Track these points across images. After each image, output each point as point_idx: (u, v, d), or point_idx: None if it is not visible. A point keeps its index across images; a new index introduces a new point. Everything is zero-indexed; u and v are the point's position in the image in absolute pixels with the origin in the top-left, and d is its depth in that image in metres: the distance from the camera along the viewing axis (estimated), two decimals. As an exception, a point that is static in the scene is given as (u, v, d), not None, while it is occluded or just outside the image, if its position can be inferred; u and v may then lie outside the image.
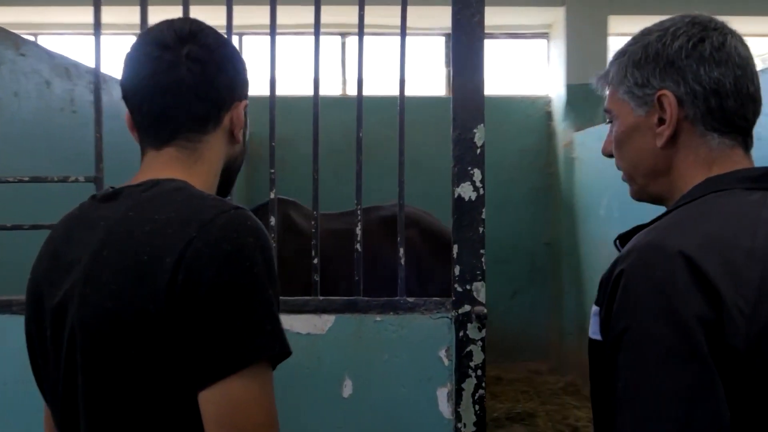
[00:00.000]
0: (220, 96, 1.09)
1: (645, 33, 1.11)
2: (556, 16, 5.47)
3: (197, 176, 1.08)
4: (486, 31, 1.70)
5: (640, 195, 1.19)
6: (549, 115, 5.67)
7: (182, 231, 0.93)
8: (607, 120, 1.19)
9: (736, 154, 1.05)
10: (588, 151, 5.07)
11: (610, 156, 1.22)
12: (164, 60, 1.04)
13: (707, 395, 0.85)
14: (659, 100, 1.06)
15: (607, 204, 4.64)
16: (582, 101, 5.26)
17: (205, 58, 1.07)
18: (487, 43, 1.75)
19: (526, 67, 5.99)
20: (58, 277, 1.02)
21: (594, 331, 1.03)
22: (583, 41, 5.28)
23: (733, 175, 1.02)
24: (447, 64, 5.84)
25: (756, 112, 1.08)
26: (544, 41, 5.91)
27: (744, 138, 1.06)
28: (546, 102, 5.71)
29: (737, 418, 0.86)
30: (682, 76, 1.04)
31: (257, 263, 0.93)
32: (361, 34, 1.79)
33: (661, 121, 1.06)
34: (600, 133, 4.90)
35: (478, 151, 1.70)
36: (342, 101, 5.44)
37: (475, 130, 1.70)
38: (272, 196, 1.81)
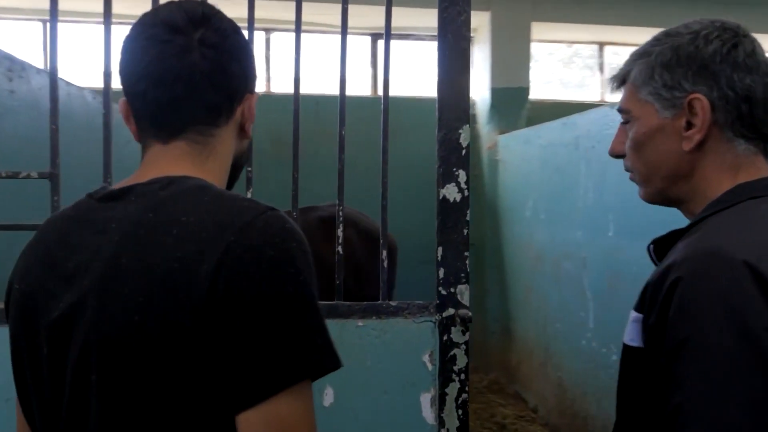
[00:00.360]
0: (233, 86, 0.99)
1: (671, 35, 1.09)
2: (480, 21, 5.56)
3: (209, 173, 0.98)
4: (411, 32, 1.68)
5: (654, 197, 1.17)
6: (473, 118, 5.76)
7: (218, 235, 0.83)
8: (623, 120, 1.17)
9: (759, 160, 1.07)
10: (512, 154, 5.19)
11: (618, 157, 1.21)
12: (175, 44, 0.94)
13: None
14: (690, 103, 1.04)
15: (532, 206, 4.76)
16: (506, 105, 5.39)
17: (219, 44, 0.97)
18: (412, 44, 1.73)
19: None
20: (56, 288, 0.90)
21: (632, 338, 1.02)
22: (507, 46, 5.40)
23: (763, 182, 1.03)
24: (372, 65, 5.82)
25: None
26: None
27: (765, 145, 1.07)
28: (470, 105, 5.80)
29: None
30: (716, 80, 1.03)
31: (302, 270, 0.85)
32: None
33: (689, 125, 1.05)
34: (524, 136, 5.04)
35: (463, 152, 1.68)
36: (267, 98, 5.31)
37: (460, 131, 1.68)
38: (249, 195, 1.72)
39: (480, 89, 5.66)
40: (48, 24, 1.89)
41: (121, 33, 1.13)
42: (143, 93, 0.96)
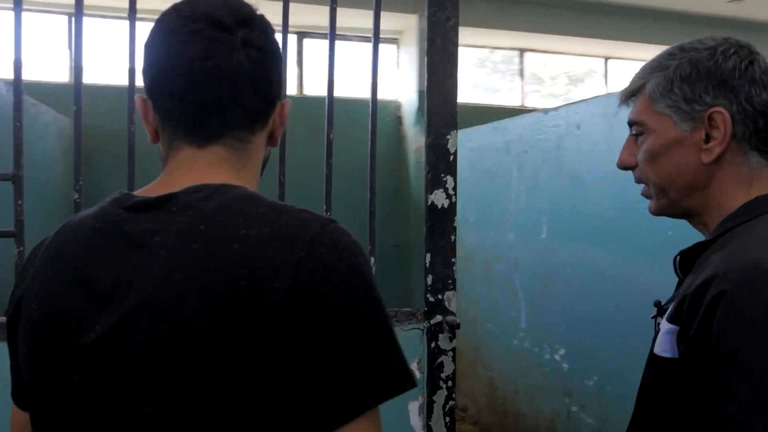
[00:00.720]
0: (272, 91, 0.93)
1: (686, 50, 1.12)
2: (407, 23, 5.60)
3: (246, 182, 0.90)
4: (339, 32, 1.68)
5: (666, 209, 1.19)
6: (399, 120, 5.79)
7: (285, 251, 0.77)
8: (633, 132, 1.19)
9: None
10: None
11: (627, 169, 1.22)
12: (222, 42, 0.86)
13: None
14: (711, 116, 1.07)
15: (461, 208, 4.83)
16: (432, 108, 5.45)
17: (264, 46, 0.90)
18: (340, 45, 1.71)
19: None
20: (88, 309, 0.81)
21: (664, 349, 1.03)
22: (434, 50, 5.46)
23: None
24: (298, 64, 5.74)
25: None
26: (393, 47, 6.02)
27: None
28: (396, 107, 5.82)
29: None
30: (735, 95, 1.07)
31: (372, 286, 0.80)
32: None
33: (708, 138, 1.08)
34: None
35: (451, 158, 1.67)
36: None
37: (448, 137, 1.67)
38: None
39: (406, 91, 5.70)
40: None
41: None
42: (182, 92, 0.88)
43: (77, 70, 1.51)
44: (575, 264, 3.52)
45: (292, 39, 5.82)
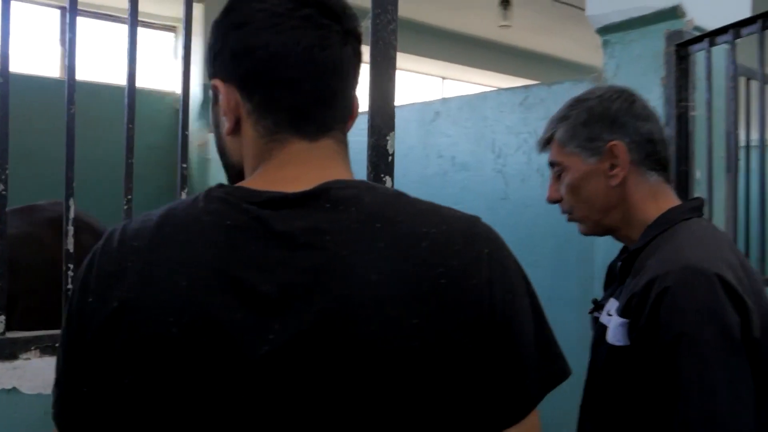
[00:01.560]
0: (357, 84, 0.92)
1: (582, 100, 1.41)
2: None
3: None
4: (112, 13, 1.73)
5: (594, 229, 1.45)
6: (178, 113, 5.47)
7: (470, 247, 0.78)
8: (554, 171, 1.45)
9: (667, 187, 1.41)
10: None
11: (555, 202, 1.47)
12: (334, 30, 0.84)
13: (747, 376, 1.16)
14: (611, 149, 1.35)
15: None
16: (217, 102, 5.26)
17: (360, 37, 0.89)
18: (112, 26, 1.73)
19: (155, 60, 5.65)
20: (254, 316, 0.72)
21: (618, 339, 1.25)
22: (219, 42, 5.27)
23: (685, 206, 1.37)
24: (62, 42, 5.11)
25: (670, 153, 1.46)
26: (171, 35, 5.68)
27: (667, 174, 1.42)
28: (176, 99, 5.50)
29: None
30: (625, 129, 1.35)
31: (528, 278, 0.85)
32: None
33: (612, 166, 1.36)
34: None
35: (390, 158, 1.69)
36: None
37: (387, 138, 1.69)
38: (183, 195, 1.47)
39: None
40: None
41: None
42: (296, 81, 0.83)
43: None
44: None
45: (52, 14, 5.17)
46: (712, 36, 2.19)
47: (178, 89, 5.45)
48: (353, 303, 0.72)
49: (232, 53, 0.84)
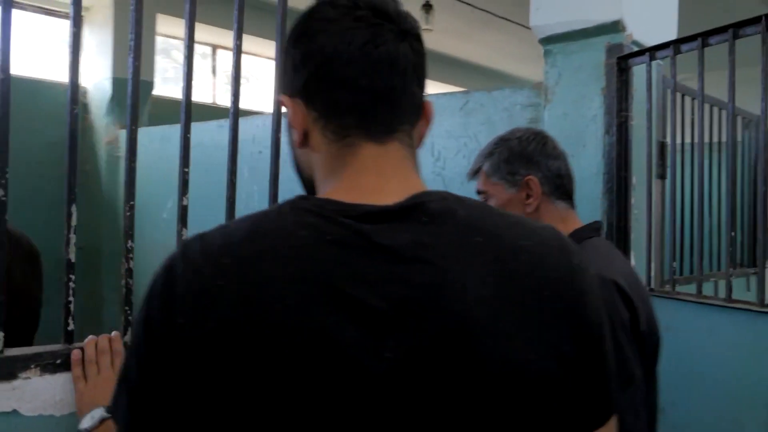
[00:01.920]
0: (426, 85, 0.91)
1: (504, 139, 1.64)
2: (99, 2, 5.05)
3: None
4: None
5: None
6: (85, 107, 5.17)
7: (563, 259, 0.80)
8: (481, 197, 1.65)
9: (572, 212, 1.66)
10: (144, 152, 4.86)
11: None
12: (387, 28, 0.83)
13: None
14: (527, 182, 1.59)
15: (171, 208, 4.57)
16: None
17: (420, 37, 0.89)
18: (17, 14, 1.35)
19: (59, 50, 5.30)
20: (366, 333, 0.70)
21: None
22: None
23: (588, 228, 1.61)
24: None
25: (574, 185, 1.69)
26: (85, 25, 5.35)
27: (572, 202, 1.67)
28: (81, 92, 5.19)
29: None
30: (539, 166, 1.60)
31: None
32: None
33: (528, 196, 1.60)
34: (162, 133, 4.78)
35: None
36: None
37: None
38: (185, 202, 1.39)
39: (96, 77, 5.13)
40: None
41: None
42: (352, 80, 0.81)
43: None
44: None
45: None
46: (652, 51, 2.33)
47: (87, 83, 5.16)
48: (470, 319, 0.72)
49: (294, 66, 0.84)
